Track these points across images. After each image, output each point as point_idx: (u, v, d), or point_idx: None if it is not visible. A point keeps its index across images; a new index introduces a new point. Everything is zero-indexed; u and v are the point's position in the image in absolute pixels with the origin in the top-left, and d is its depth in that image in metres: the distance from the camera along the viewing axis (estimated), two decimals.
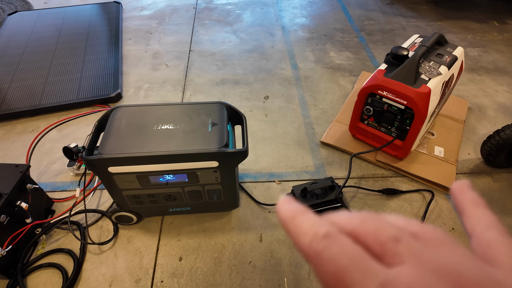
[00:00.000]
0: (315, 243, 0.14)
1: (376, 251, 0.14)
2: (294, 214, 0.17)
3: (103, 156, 0.65)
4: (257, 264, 0.79)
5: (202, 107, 0.75)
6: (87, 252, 0.81)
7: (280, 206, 0.18)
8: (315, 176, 0.99)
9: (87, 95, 1.24)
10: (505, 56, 1.50)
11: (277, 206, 0.18)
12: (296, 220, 0.16)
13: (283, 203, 0.18)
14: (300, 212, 0.17)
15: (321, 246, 0.14)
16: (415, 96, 0.81)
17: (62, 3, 1.93)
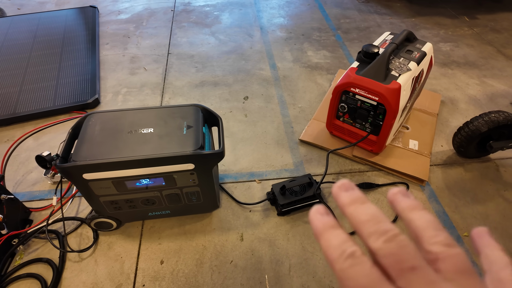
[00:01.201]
0: (342, 260, 0.17)
1: (392, 274, 0.16)
2: (326, 228, 0.19)
3: (76, 163, 0.65)
4: (238, 263, 0.80)
5: (177, 110, 0.75)
6: (66, 261, 0.81)
7: (313, 217, 0.20)
8: (294, 174, 1.01)
9: (64, 102, 1.22)
10: (475, 50, 1.55)
11: (310, 216, 0.20)
12: (327, 234, 0.19)
13: (316, 213, 0.20)
14: (331, 227, 0.19)
15: (346, 264, 0.17)
16: (385, 92, 0.84)
17: (36, 8, 1.89)
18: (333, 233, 0.19)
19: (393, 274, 0.16)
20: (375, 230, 0.18)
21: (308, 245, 0.83)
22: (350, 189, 0.20)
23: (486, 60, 1.49)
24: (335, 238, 0.18)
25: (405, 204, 0.20)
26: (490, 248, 0.19)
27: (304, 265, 0.80)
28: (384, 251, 0.17)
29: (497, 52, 1.54)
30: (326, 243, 0.18)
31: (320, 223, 0.19)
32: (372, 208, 0.19)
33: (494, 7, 1.91)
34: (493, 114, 0.93)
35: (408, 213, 0.19)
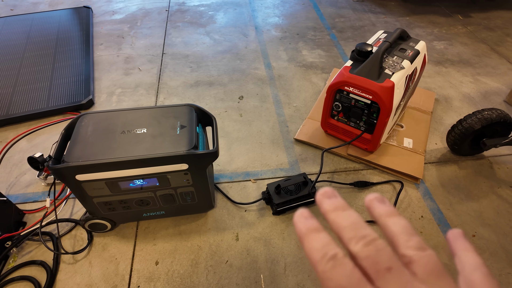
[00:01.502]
0: (324, 262, 0.18)
1: (371, 275, 0.17)
2: (309, 231, 0.20)
3: (69, 164, 0.64)
4: (234, 263, 0.80)
5: (170, 110, 0.75)
6: (61, 263, 0.80)
7: (296, 220, 0.21)
8: (289, 173, 1.01)
9: (58, 103, 1.21)
10: (469, 48, 1.56)
11: (294, 219, 0.21)
12: (310, 237, 0.19)
13: (300, 217, 0.21)
14: (314, 230, 0.20)
15: (328, 266, 0.17)
16: (379, 91, 0.84)
17: (29, 9, 1.88)
18: (316, 236, 0.19)
19: (372, 275, 0.17)
20: (354, 235, 0.19)
21: None
22: (333, 196, 0.21)
23: (480, 58, 1.50)
24: (318, 241, 0.19)
25: (382, 210, 0.21)
26: (464, 251, 0.20)
27: (299, 264, 0.80)
28: (363, 254, 0.18)
29: (490, 50, 1.55)
30: (309, 245, 0.19)
31: (303, 226, 0.20)
32: (353, 215, 0.20)
33: (488, 5, 1.92)
34: (486, 111, 0.94)
35: (384, 219, 0.20)
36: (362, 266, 0.18)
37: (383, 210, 0.21)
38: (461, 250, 0.20)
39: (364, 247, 0.18)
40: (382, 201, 0.21)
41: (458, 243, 0.21)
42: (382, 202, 0.21)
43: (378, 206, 0.21)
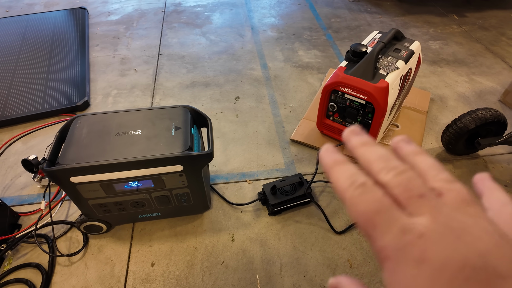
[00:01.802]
0: (353, 189, 0.18)
1: (401, 202, 0.17)
2: (336, 163, 0.20)
3: (63, 166, 0.64)
4: (230, 264, 0.80)
5: (165, 112, 0.75)
6: (56, 265, 0.80)
7: (323, 154, 0.21)
8: (285, 174, 1.01)
9: (53, 105, 1.21)
10: (464, 48, 1.57)
11: (321, 153, 0.21)
12: (337, 167, 0.20)
13: (326, 151, 0.21)
14: (342, 162, 0.20)
15: (357, 192, 0.17)
16: (374, 91, 0.84)
17: (24, 10, 1.87)
18: (344, 167, 0.19)
19: (403, 202, 0.17)
20: (385, 166, 0.18)
21: (299, 244, 0.84)
22: (360, 133, 0.21)
23: (475, 57, 1.51)
24: (346, 171, 0.19)
25: (409, 150, 0.21)
26: (492, 189, 0.21)
27: (295, 264, 0.80)
28: (394, 182, 0.18)
29: (485, 49, 1.56)
30: (336, 174, 0.19)
31: (330, 159, 0.20)
32: (382, 149, 0.20)
33: (483, 5, 1.93)
34: (480, 111, 0.94)
35: (412, 157, 0.20)
36: (392, 194, 0.17)
37: (410, 149, 0.21)
38: (489, 189, 0.20)
39: (395, 177, 0.18)
40: (408, 142, 0.21)
41: (486, 184, 0.21)
42: (409, 143, 0.21)
43: (405, 146, 0.21)
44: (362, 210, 0.17)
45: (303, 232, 0.86)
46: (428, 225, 0.16)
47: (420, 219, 0.16)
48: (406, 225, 0.16)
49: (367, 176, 0.18)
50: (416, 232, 0.15)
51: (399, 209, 0.17)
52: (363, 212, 0.17)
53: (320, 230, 0.87)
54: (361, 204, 0.17)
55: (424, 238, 0.15)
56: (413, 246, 0.15)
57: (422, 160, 0.20)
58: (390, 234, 0.16)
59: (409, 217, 0.16)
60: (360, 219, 0.17)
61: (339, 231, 0.86)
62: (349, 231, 0.86)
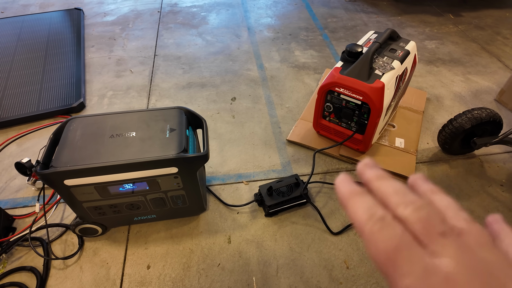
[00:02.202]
0: (372, 223, 0.17)
1: (422, 239, 0.16)
2: (353, 194, 0.19)
3: (57, 169, 0.64)
4: (226, 266, 0.80)
5: (159, 113, 0.75)
6: (51, 268, 0.79)
7: (339, 184, 0.20)
8: (282, 174, 1.01)
9: (48, 106, 1.20)
10: (460, 47, 1.57)
11: (337, 183, 0.20)
12: (354, 199, 0.19)
13: (342, 181, 0.20)
14: (359, 193, 0.19)
15: (377, 227, 0.17)
16: (369, 91, 0.84)
17: (19, 11, 1.86)
18: (362, 198, 0.19)
19: (424, 239, 0.16)
20: (403, 200, 0.18)
21: (296, 246, 0.83)
22: (374, 167, 0.21)
23: (471, 57, 1.51)
24: (364, 203, 0.18)
25: (427, 188, 0.20)
26: (505, 232, 0.20)
27: (291, 265, 0.80)
28: (414, 218, 0.17)
29: (481, 49, 1.56)
30: (354, 206, 0.19)
31: (347, 189, 0.20)
32: (398, 183, 0.19)
33: (478, 4, 1.94)
34: (476, 111, 0.94)
35: (430, 195, 0.20)
36: (412, 230, 0.17)
37: (428, 187, 0.20)
38: (504, 231, 0.20)
39: (414, 212, 0.17)
40: (426, 180, 0.21)
41: (499, 226, 0.21)
42: (426, 181, 0.21)
43: (423, 184, 0.21)
44: (382, 247, 0.16)
45: (299, 233, 0.86)
46: (454, 267, 0.15)
47: (445, 260, 0.15)
48: (430, 266, 0.15)
49: (385, 210, 0.18)
50: (441, 275, 0.15)
51: (421, 247, 0.16)
52: (383, 250, 0.16)
53: (317, 231, 0.86)
54: (381, 240, 0.16)
55: (450, 282, 0.14)
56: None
57: (440, 199, 0.19)
58: (413, 276, 0.15)
59: (432, 257, 0.15)
60: (379, 256, 0.16)
61: (335, 232, 0.85)
62: (346, 231, 0.86)
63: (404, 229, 0.17)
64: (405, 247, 0.16)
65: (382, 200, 0.19)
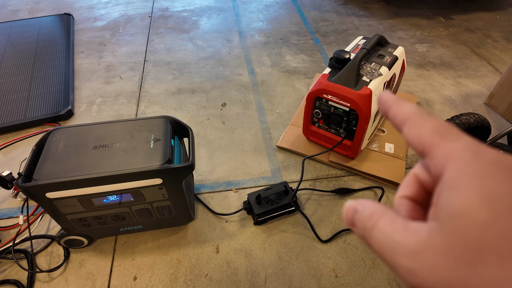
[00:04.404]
0: (419, 112, 0.19)
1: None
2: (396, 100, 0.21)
3: (38, 182, 0.62)
4: (214, 276, 0.79)
5: (144, 123, 0.74)
6: (35, 281, 0.78)
7: (380, 95, 0.21)
8: (271, 181, 1.00)
9: (35, 114, 1.18)
10: (450, 51, 1.57)
11: (378, 97, 0.21)
12: (398, 101, 0.20)
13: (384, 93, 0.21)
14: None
15: (425, 113, 0.19)
16: (356, 98, 0.84)
17: (8, 17, 1.84)
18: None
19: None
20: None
21: (284, 254, 0.83)
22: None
23: (461, 60, 1.51)
24: (408, 103, 0.20)
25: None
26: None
27: (280, 275, 0.79)
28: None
29: (471, 52, 1.57)
30: (400, 103, 0.20)
31: (389, 96, 0.21)
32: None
33: (469, 7, 1.95)
34: (464, 116, 0.94)
35: None
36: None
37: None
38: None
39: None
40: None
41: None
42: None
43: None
44: (431, 123, 0.17)
45: (288, 242, 0.85)
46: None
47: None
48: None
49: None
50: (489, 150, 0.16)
51: None
52: (432, 125, 0.17)
53: (306, 239, 0.86)
54: (430, 119, 0.18)
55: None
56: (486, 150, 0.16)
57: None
58: (464, 138, 0.16)
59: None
60: (426, 132, 0.17)
61: (324, 240, 0.85)
62: (335, 239, 0.85)
63: None
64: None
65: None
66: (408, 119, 0.18)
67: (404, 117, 0.19)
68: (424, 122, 0.18)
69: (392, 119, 0.20)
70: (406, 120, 0.19)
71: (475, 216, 0.13)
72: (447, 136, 0.17)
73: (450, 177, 0.15)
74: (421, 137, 0.17)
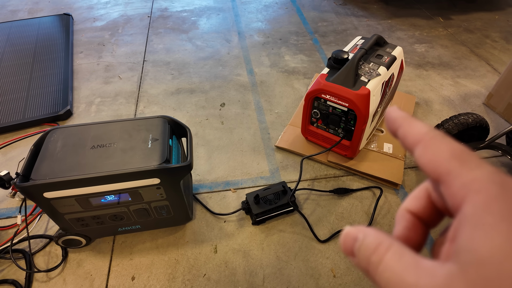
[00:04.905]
0: (433, 132, 0.17)
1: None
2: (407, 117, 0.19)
3: (35, 182, 0.62)
4: (212, 276, 0.79)
5: (142, 123, 0.74)
6: (33, 281, 0.78)
7: (390, 111, 0.19)
8: (270, 181, 1.00)
9: (34, 114, 1.19)
10: (449, 51, 1.57)
11: (387, 112, 0.19)
12: (410, 120, 0.19)
13: (393, 110, 0.19)
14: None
15: (439, 134, 0.17)
16: (355, 98, 0.84)
17: (7, 17, 1.84)
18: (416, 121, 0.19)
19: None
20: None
21: (283, 254, 0.83)
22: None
23: (460, 60, 1.51)
24: (420, 123, 0.18)
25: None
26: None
27: (278, 275, 0.79)
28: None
29: (470, 52, 1.57)
30: (411, 122, 0.18)
31: (400, 113, 0.19)
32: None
33: (468, 7, 1.95)
34: (462, 116, 0.94)
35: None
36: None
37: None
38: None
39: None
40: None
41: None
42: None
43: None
44: (448, 147, 0.16)
45: (286, 242, 0.85)
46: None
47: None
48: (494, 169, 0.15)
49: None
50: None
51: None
52: (449, 149, 0.16)
53: (304, 239, 0.86)
54: (447, 142, 0.16)
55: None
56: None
57: None
58: (485, 168, 0.15)
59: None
60: (442, 155, 0.16)
61: (322, 240, 0.85)
62: (333, 239, 0.85)
63: None
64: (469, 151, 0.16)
65: None
66: (421, 140, 0.17)
67: (416, 138, 0.17)
68: (440, 144, 0.16)
69: (402, 139, 0.18)
70: (419, 141, 0.17)
71: (505, 265, 0.12)
72: (467, 163, 0.15)
73: (472, 213, 0.14)
74: (437, 162, 0.16)
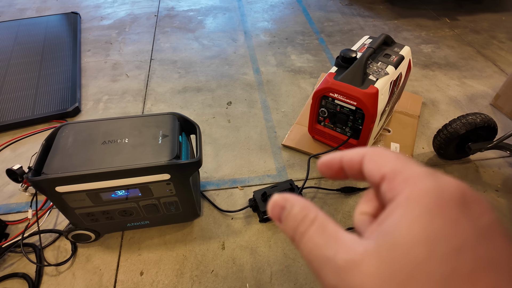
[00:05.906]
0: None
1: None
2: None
3: (48, 176, 0.63)
4: (219, 273, 0.79)
5: (152, 119, 0.75)
6: (43, 275, 0.79)
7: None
8: (277, 180, 1.01)
9: (43, 111, 1.20)
10: (456, 51, 1.57)
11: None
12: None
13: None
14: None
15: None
16: (363, 97, 0.84)
17: (16, 16, 1.86)
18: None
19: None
20: None
21: (290, 252, 0.83)
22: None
23: (466, 61, 1.51)
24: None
25: None
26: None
27: (285, 272, 0.79)
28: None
29: (476, 53, 1.57)
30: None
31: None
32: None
33: (474, 8, 1.94)
34: (470, 116, 0.94)
35: None
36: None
37: None
38: None
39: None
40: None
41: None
42: None
43: None
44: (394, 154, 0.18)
45: None
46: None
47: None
48: None
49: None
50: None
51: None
52: (395, 155, 0.18)
53: None
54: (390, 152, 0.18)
55: None
56: None
57: None
58: (423, 168, 0.17)
59: None
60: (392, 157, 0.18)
61: None
62: None
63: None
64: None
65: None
66: (366, 153, 0.18)
67: (360, 154, 0.19)
68: (386, 152, 0.18)
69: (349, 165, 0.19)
70: (364, 155, 0.18)
71: (412, 251, 0.14)
72: (409, 164, 0.17)
73: (404, 203, 0.15)
74: (384, 163, 0.17)
